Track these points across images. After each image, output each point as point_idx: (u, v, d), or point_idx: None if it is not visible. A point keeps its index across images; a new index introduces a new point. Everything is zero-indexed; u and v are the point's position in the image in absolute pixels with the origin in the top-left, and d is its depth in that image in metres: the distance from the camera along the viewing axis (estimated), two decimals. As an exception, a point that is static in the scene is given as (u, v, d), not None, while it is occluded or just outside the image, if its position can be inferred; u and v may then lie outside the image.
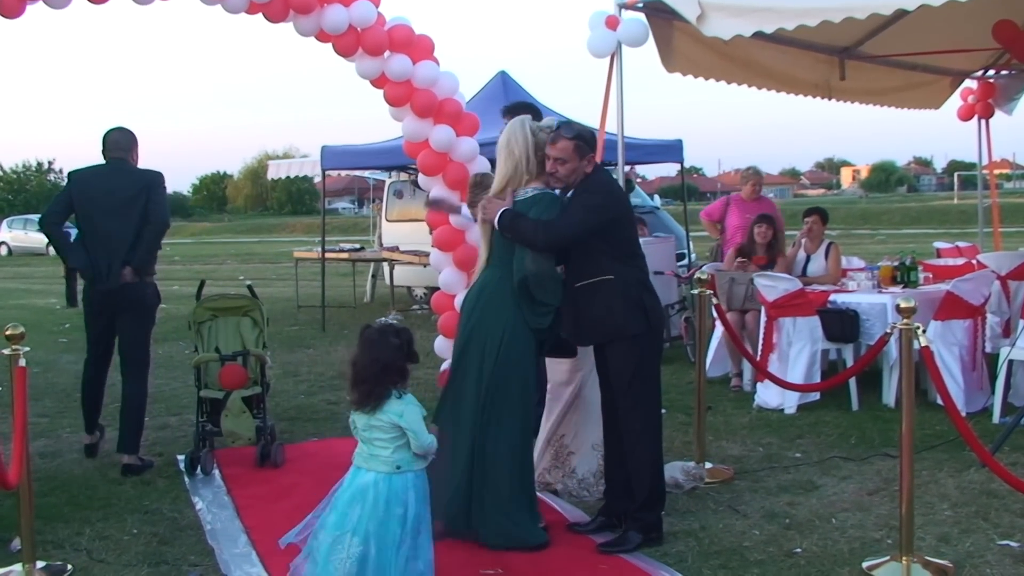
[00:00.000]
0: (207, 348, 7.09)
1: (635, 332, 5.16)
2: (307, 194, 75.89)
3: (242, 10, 7.12)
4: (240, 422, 6.81)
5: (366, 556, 4.16)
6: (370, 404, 4.29)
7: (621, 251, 5.25)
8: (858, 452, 6.78)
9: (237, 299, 7.38)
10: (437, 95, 7.98)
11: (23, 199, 70.43)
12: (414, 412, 4.30)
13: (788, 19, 7.00)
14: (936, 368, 4.99)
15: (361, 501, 4.23)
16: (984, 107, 12.08)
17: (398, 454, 4.29)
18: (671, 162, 15.34)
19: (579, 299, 5.22)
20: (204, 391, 6.90)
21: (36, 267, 34.32)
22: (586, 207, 5.17)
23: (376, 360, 4.31)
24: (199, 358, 6.95)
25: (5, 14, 6.23)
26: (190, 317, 7.21)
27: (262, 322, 7.27)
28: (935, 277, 9.20)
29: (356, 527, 4.19)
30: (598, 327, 5.24)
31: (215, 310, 7.26)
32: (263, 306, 7.37)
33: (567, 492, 5.90)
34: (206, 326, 7.20)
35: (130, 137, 7.01)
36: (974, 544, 5.04)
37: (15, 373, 4.78)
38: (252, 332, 7.26)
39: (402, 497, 4.24)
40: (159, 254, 7.11)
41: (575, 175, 5.24)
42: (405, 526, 4.22)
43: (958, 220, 41.18)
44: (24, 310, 18.18)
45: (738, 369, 8.99)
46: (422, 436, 4.29)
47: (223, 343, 7.12)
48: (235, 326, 7.25)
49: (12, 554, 5.03)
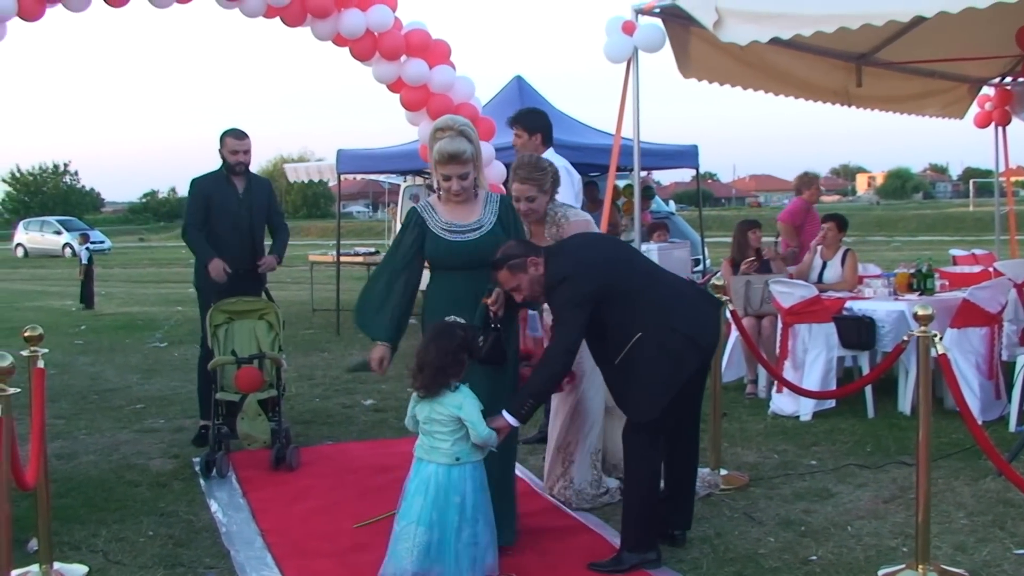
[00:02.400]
0: (223, 351, 7.04)
1: (688, 375, 4.91)
2: (322, 198, 76.04)
3: (260, 14, 7.16)
4: (255, 425, 6.74)
5: (429, 544, 4.37)
6: (434, 390, 4.47)
7: (635, 305, 4.84)
8: (874, 460, 6.75)
9: (253, 302, 7.34)
10: (453, 99, 8.01)
11: (39, 201, 70.84)
12: (472, 404, 4.47)
13: (805, 25, 6.99)
14: (953, 376, 4.97)
15: (424, 492, 4.43)
16: (1001, 114, 12.03)
17: (457, 446, 4.47)
18: (686, 167, 15.34)
19: (623, 374, 4.88)
20: (220, 393, 6.86)
21: (52, 269, 34.53)
22: (562, 305, 4.80)
23: (444, 349, 4.48)
24: (215, 361, 6.92)
25: (25, 16, 6.28)
26: (208, 320, 7.17)
27: (278, 325, 7.24)
28: (951, 284, 9.15)
29: (420, 517, 4.40)
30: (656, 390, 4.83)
31: (231, 313, 7.22)
32: (279, 309, 7.35)
33: (567, 502, 5.87)
34: (222, 329, 7.17)
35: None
36: (990, 553, 5.02)
37: (33, 375, 4.79)
38: (268, 335, 7.22)
39: (460, 487, 4.44)
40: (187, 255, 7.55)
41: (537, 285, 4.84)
42: (464, 513, 4.41)
43: (974, 227, 40.97)
44: (40, 311, 18.26)
45: (753, 376, 8.97)
46: (480, 427, 4.44)
47: (239, 346, 7.09)
48: (251, 329, 7.21)
49: (29, 555, 5.04)
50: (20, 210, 68.70)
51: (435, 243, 5.08)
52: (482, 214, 5.14)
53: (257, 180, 7.79)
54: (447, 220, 5.10)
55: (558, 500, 5.91)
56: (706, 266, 14.60)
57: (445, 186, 5.07)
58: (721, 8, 7.20)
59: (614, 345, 4.84)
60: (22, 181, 74.82)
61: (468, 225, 5.10)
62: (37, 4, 6.28)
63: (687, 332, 4.85)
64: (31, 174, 75.44)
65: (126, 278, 29.01)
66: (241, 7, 7.06)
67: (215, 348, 7.09)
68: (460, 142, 5.01)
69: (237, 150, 7.45)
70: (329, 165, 16.72)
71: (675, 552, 5.08)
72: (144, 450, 7.34)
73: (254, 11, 7.11)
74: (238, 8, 7.08)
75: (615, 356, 4.85)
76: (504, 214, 5.20)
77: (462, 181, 5.03)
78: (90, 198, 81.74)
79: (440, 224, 5.09)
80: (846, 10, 6.79)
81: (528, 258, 4.83)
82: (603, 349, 4.94)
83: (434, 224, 5.10)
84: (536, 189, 5.60)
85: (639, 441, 4.92)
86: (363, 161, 15.34)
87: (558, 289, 4.80)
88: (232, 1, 6.99)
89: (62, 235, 44.93)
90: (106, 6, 6.61)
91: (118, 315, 17.61)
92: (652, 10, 7.94)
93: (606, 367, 4.99)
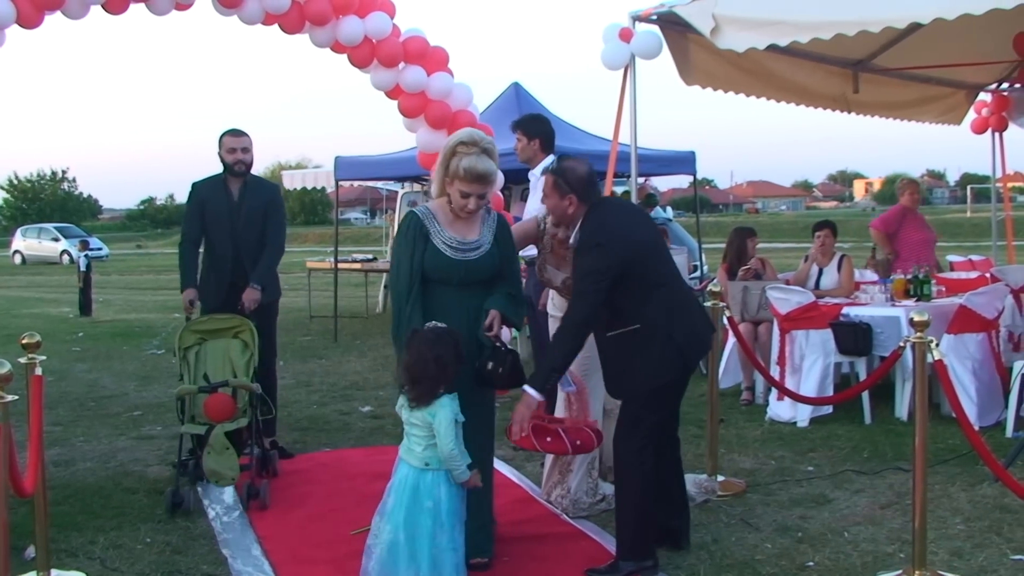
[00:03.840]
0: (194, 377, 6.45)
1: (668, 380, 4.96)
2: (320, 204, 76.04)
3: (258, 21, 7.18)
4: (223, 460, 6.00)
5: (396, 543, 4.33)
6: (426, 401, 4.41)
7: (646, 297, 4.88)
8: (871, 466, 6.76)
9: (226, 319, 6.66)
10: (451, 106, 8.03)
11: (37, 208, 70.71)
12: (444, 415, 4.38)
13: (802, 32, 7.02)
14: (949, 382, 4.98)
15: (397, 491, 4.42)
16: (998, 120, 12.07)
17: (428, 452, 4.41)
18: (684, 174, 15.34)
19: (610, 347, 5.00)
20: (187, 426, 6.29)
21: (50, 276, 34.51)
22: (586, 273, 4.85)
23: (439, 358, 4.40)
24: (180, 389, 6.31)
25: (23, 24, 6.29)
26: (176, 342, 6.59)
27: (253, 344, 6.55)
28: (948, 290, 9.17)
29: (389, 515, 4.39)
30: (635, 378, 4.95)
31: (203, 333, 6.61)
32: (253, 325, 6.62)
33: (564, 511, 5.85)
34: (193, 352, 6.54)
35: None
36: (987, 559, 5.02)
37: (31, 382, 4.79)
38: (242, 356, 6.56)
39: (432, 492, 4.38)
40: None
41: (559, 211, 5.02)
42: (438, 518, 4.35)
43: (971, 233, 41.02)
44: (38, 319, 18.25)
45: (749, 383, 8.97)
46: (447, 440, 4.34)
47: (212, 370, 6.49)
48: (223, 350, 6.57)
49: (27, 562, 5.04)
50: (18, 217, 68.67)
51: (436, 257, 4.89)
52: (481, 232, 5.00)
53: (258, 185, 7.23)
54: (451, 235, 4.92)
55: (555, 507, 5.91)
56: (703, 272, 14.59)
57: (461, 203, 4.86)
58: (718, 15, 7.22)
59: (612, 319, 4.90)
60: (20, 188, 74.71)
61: (470, 243, 4.95)
62: (36, 11, 6.29)
63: (680, 343, 4.89)
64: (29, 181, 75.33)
65: (124, 285, 29.02)
66: (240, 14, 7.08)
67: (184, 373, 6.49)
68: (488, 162, 4.85)
69: (235, 148, 6.95)
70: (327, 172, 16.71)
71: (672, 559, 5.08)
72: (141, 457, 7.33)
73: (252, 18, 7.12)
74: (236, 15, 7.10)
75: (609, 329, 4.94)
76: (500, 233, 5.07)
77: (480, 200, 4.88)
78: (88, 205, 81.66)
79: (444, 238, 4.91)
80: (843, 17, 6.80)
81: (571, 195, 4.93)
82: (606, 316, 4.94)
83: (437, 236, 4.91)
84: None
85: (629, 448, 4.95)
86: (361, 168, 15.36)
87: (588, 255, 4.85)
88: (230, 8, 7.00)
89: (60, 242, 44.92)
90: (105, 13, 6.62)
91: (116, 322, 17.59)
92: (649, 17, 7.96)
93: (598, 331, 5.03)
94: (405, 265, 4.89)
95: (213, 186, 7.06)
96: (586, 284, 4.84)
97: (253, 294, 6.85)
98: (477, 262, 4.96)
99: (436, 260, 4.89)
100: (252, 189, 7.07)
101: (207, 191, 7.07)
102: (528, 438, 4.90)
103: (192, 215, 7.09)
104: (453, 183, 4.87)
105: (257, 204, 7.02)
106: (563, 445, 5.07)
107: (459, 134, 4.99)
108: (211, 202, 7.01)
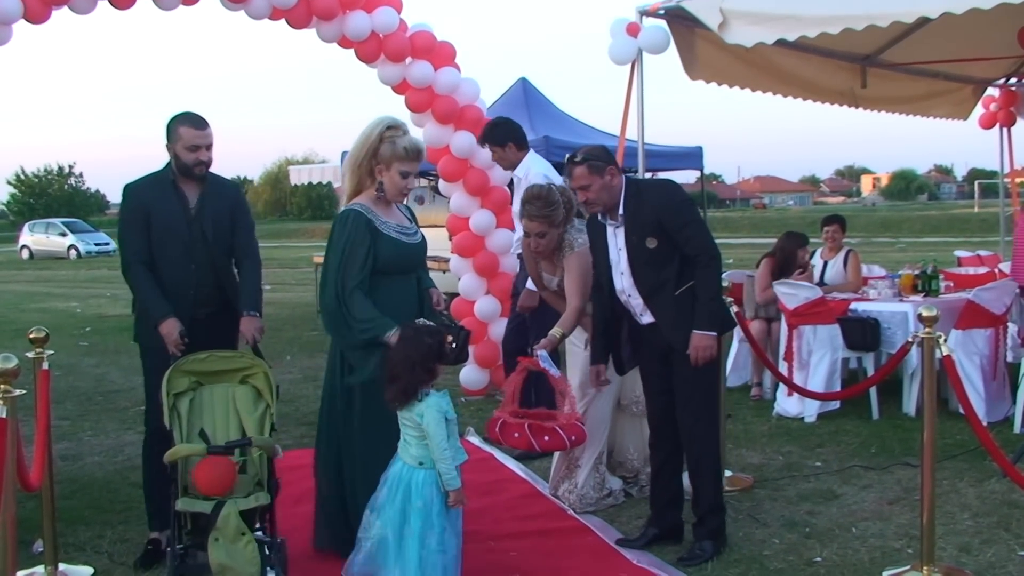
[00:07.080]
0: (186, 434, 4.68)
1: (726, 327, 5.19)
2: (326, 199, 76.03)
3: (265, 16, 7.17)
4: (236, 551, 4.30)
5: (385, 539, 4.28)
6: (400, 401, 4.34)
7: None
8: (878, 461, 6.75)
9: (231, 358, 4.93)
10: (458, 101, 8.03)
11: (44, 203, 70.82)
12: (431, 415, 4.30)
13: (810, 27, 7.00)
14: (957, 377, 4.97)
15: (390, 486, 4.35)
16: (1006, 115, 12.04)
17: (421, 450, 4.34)
18: (691, 169, 15.34)
19: (679, 306, 4.98)
20: (183, 501, 4.46)
21: (57, 271, 34.54)
22: (692, 220, 4.99)
23: (408, 358, 4.33)
24: (175, 451, 4.52)
25: (30, 19, 6.30)
26: (164, 386, 4.72)
27: (269, 393, 4.82)
28: (956, 286, 9.14)
29: (380, 510, 4.33)
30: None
31: (199, 375, 4.84)
32: (270, 369, 4.92)
33: (571, 506, 5.84)
34: (185, 399, 4.76)
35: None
36: (995, 554, 5.01)
37: (39, 376, 4.80)
38: (254, 408, 4.82)
39: (423, 491, 4.29)
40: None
41: (605, 193, 5.00)
42: (428, 519, 4.26)
43: (979, 228, 40.94)
44: (45, 313, 18.27)
45: (758, 379, 8.95)
46: (437, 440, 4.27)
47: (212, 424, 4.76)
48: (227, 399, 4.83)
49: (34, 556, 5.06)
50: (25, 212, 68.74)
51: (393, 246, 4.84)
52: (401, 214, 5.06)
53: (219, 186, 5.32)
54: (393, 223, 4.92)
55: (562, 502, 5.91)
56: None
57: (402, 184, 4.88)
58: (726, 10, 7.20)
59: (675, 278, 4.96)
60: (27, 183, 74.84)
61: (408, 229, 5.00)
62: (43, 6, 6.29)
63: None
64: (36, 176, 75.45)
65: (131, 280, 28.96)
66: (246, 9, 7.07)
67: (175, 428, 4.69)
68: (420, 139, 4.98)
69: (198, 145, 5.09)
70: (333, 167, 16.71)
71: (678, 553, 5.08)
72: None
73: (259, 13, 7.12)
74: (243, 10, 7.09)
75: (674, 288, 4.98)
76: (411, 218, 5.15)
77: (414, 179, 4.99)
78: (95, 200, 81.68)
79: (390, 227, 4.88)
80: (851, 11, 6.78)
81: (610, 166, 5.00)
82: (660, 277, 4.99)
83: (384, 227, 4.86)
84: (546, 225, 5.60)
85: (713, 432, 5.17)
86: (367, 163, 15.30)
87: (683, 208, 5.01)
88: (237, 3, 7.00)
89: (67, 237, 45.02)
90: (112, 8, 6.62)
91: (123, 317, 17.59)
92: (656, 12, 7.95)
93: (662, 295, 5.01)
94: (360, 253, 4.77)
95: (158, 190, 5.18)
96: (694, 228, 4.95)
97: (254, 323, 5.21)
98: (420, 245, 5.05)
99: (394, 248, 4.86)
100: (213, 193, 5.24)
101: (150, 196, 5.16)
102: (525, 437, 4.94)
103: (135, 227, 5.14)
104: (390, 167, 4.87)
105: (222, 211, 5.25)
106: (561, 441, 5.09)
107: (379, 121, 4.95)
108: (159, 213, 5.12)
